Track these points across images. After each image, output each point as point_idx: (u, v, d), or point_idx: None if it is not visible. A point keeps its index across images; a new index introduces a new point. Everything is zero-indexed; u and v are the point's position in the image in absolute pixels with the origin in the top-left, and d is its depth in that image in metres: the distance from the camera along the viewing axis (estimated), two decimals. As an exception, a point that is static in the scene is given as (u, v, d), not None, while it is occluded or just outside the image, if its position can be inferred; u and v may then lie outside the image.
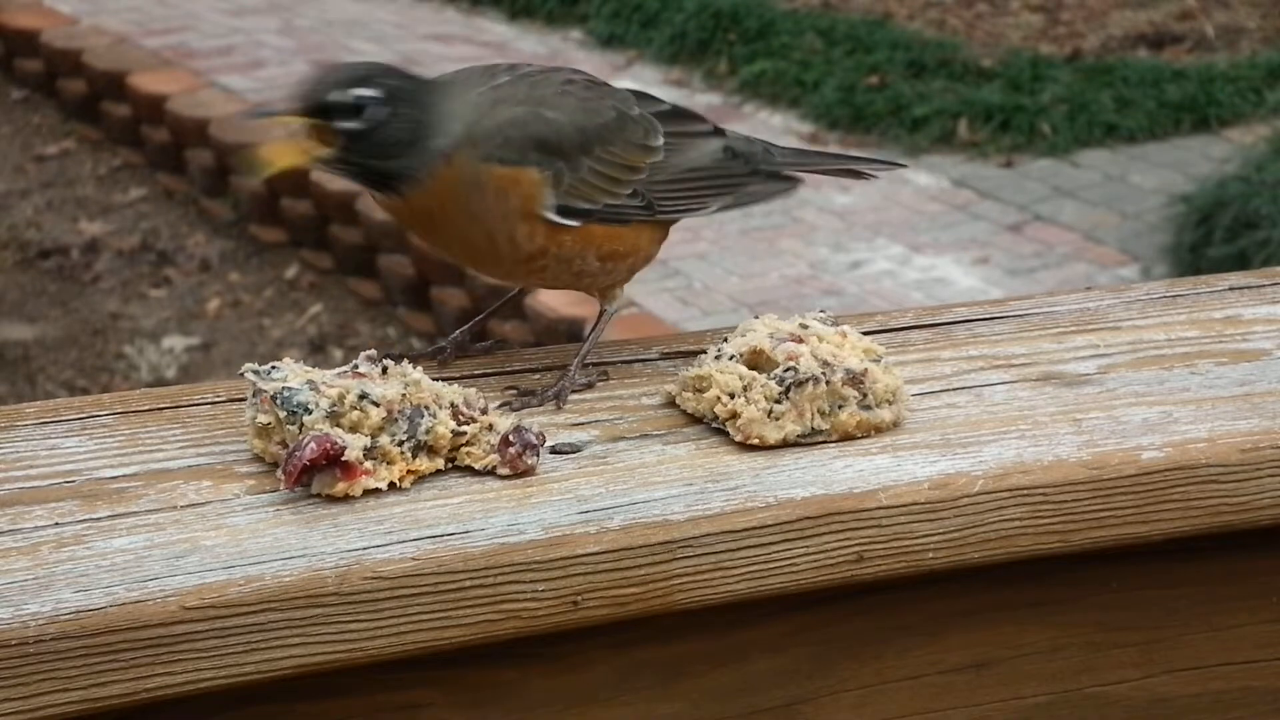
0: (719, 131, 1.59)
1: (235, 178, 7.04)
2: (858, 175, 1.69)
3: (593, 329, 1.54)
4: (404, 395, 1.33)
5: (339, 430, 1.30)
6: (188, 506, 1.28)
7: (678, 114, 1.57)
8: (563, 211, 1.47)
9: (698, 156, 1.56)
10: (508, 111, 1.47)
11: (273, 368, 1.35)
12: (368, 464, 1.30)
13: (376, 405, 1.32)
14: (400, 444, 1.31)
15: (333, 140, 1.45)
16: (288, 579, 1.20)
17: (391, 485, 1.30)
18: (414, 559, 1.23)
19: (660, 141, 1.53)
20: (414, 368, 1.36)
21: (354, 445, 1.29)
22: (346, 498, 1.29)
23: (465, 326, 1.59)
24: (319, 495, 1.29)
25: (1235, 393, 1.47)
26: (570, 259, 1.50)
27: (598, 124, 1.50)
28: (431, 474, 1.33)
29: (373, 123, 1.44)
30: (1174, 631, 1.45)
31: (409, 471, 1.32)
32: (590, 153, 1.49)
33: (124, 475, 1.33)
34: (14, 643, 1.15)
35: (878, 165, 1.69)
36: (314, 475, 1.28)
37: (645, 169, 1.52)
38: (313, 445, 1.28)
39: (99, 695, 1.17)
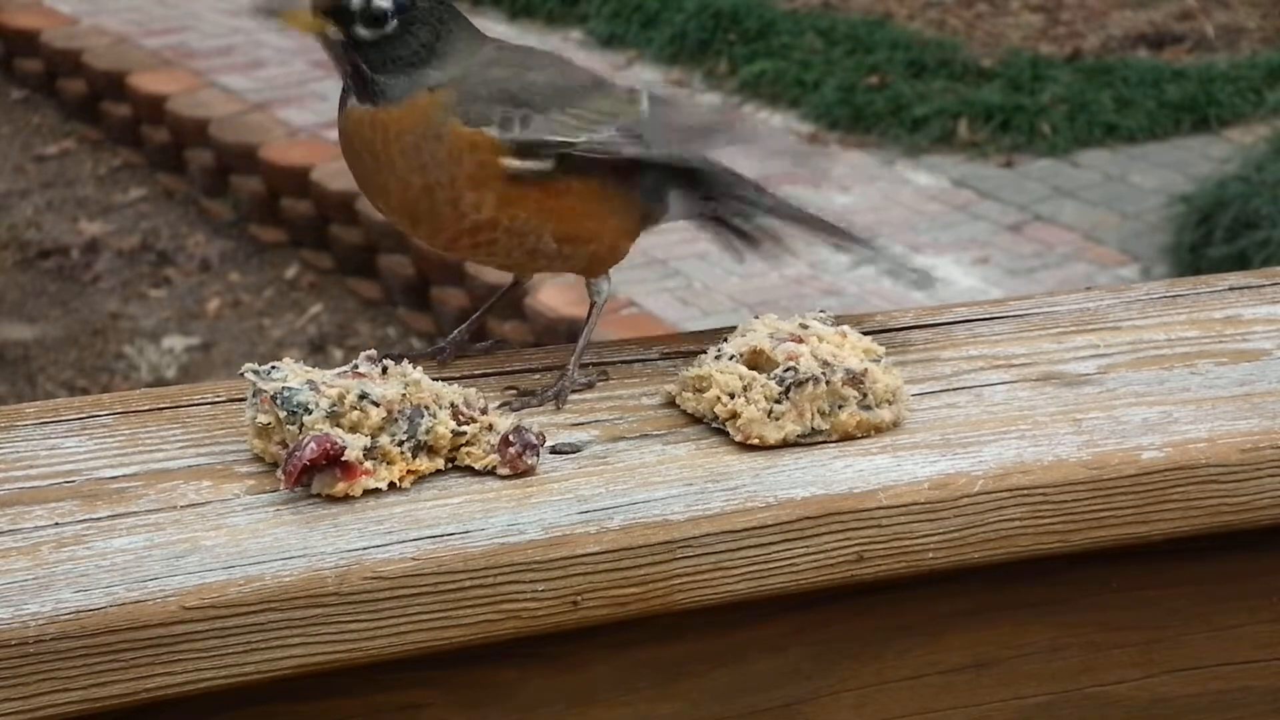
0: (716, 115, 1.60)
1: (235, 177, 7.04)
2: (834, 243, 1.68)
3: (585, 325, 1.53)
4: (404, 395, 1.33)
5: (339, 430, 1.30)
6: (188, 506, 1.29)
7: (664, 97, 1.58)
8: (524, 150, 1.45)
9: (689, 119, 1.57)
10: (496, 71, 1.48)
11: (272, 368, 1.35)
12: (368, 464, 1.30)
13: (376, 405, 1.32)
14: (400, 444, 1.31)
15: (344, 32, 1.47)
16: (288, 579, 1.20)
17: (391, 485, 1.31)
18: (414, 559, 1.23)
19: (645, 104, 1.52)
20: (414, 368, 1.36)
21: (354, 445, 1.29)
22: (346, 497, 1.29)
23: (463, 325, 1.58)
24: (319, 495, 1.29)
25: (1235, 393, 1.47)
26: (523, 235, 1.48)
27: (575, 84, 1.50)
28: (431, 474, 1.33)
29: (381, 33, 1.45)
30: (1174, 631, 1.45)
31: (409, 471, 1.32)
32: (563, 104, 1.48)
33: (124, 475, 1.33)
34: (14, 643, 1.15)
35: (855, 243, 1.68)
36: (314, 475, 1.28)
37: (626, 115, 1.50)
38: (313, 445, 1.28)
39: (99, 695, 1.17)
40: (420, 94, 1.46)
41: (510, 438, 1.33)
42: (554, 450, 1.36)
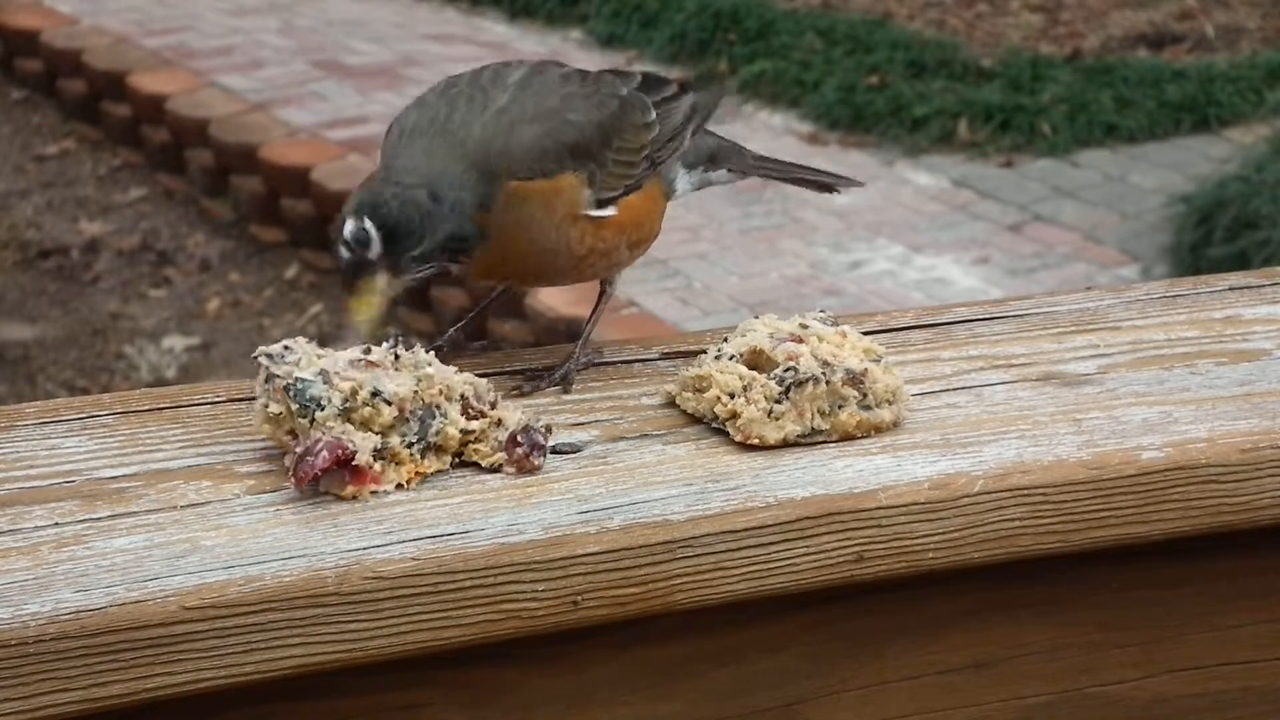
0: (684, 88, 1.64)
1: (235, 177, 7.04)
2: (819, 186, 1.75)
3: (595, 309, 1.58)
4: (416, 392, 1.33)
5: (350, 428, 1.30)
6: (188, 506, 1.29)
7: (651, 81, 1.62)
8: (599, 205, 1.52)
9: (678, 115, 1.61)
10: (530, 129, 1.50)
11: (286, 348, 1.34)
12: (377, 466, 1.30)
13: (389, 404, 1.32)
14: (410, 445, 1.31)
15: (391, 266, 1.48)
16: (288, 579, 1.20)
17: (398, 486, 1.31)
18: (414, 559, 1.23)
19: (653, 115, 1.59)
20: (426, 353, 1.36)
21: (364, 449, 1.29)
22: (352, 498, 1.29)
23: (459, 324, 1.60)
24: (322, 494, 1.29)
25: (1235, 393, 1.47)
26: (609, 252, 1.54)
27: (610, 116, 1.54)
28: (435, 472, 1.33)
29: (419, 251, 1.47)
30: (1174, 631, 1.45)
31: (416, 473, 1.32)
32: (610, 145, 1.53)
33: (124, 475, 1.33)
34: (14, 643, 1.15)
35: (840, 180, 1.74)
36: (323, 476, 1.29)
37: (649, 145, 1.57)
38: (325, 454, 1.28)
39: (99, 695, 1.17)
40: (481, 215, 1.47)
41: (518, 437, 1.33)
42: (554, 450, 1.36)
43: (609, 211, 1.52)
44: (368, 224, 1.45)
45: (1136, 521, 1.37)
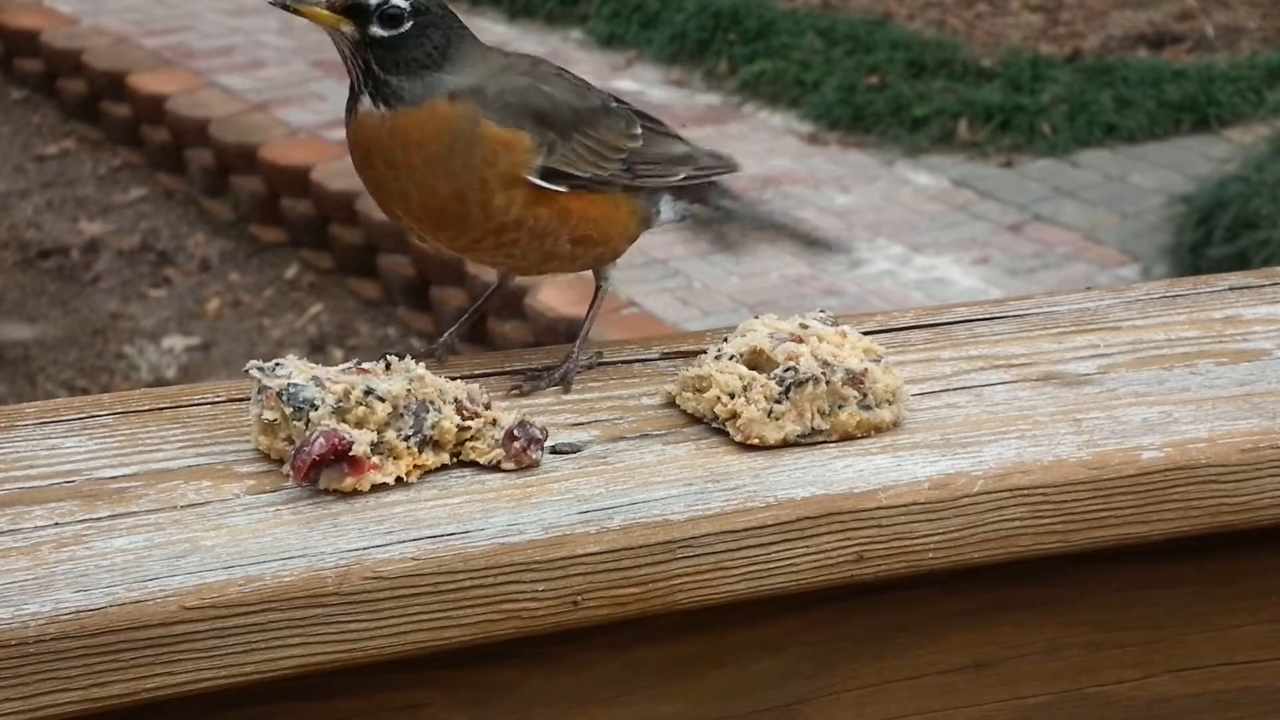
0: (681, 138, 1.63)
1: (235, 177, 7.04)
2: (807, 244, 1.76)
3: (591, 307, 1.56)
4: (409, 390, 1.33)
5: (345, 426, 1.30)
6: (188, 506, 1.29)
7: (646, 116, 1.61)
8: (547, 175, 1.49)
9: (670, 149, 1.60)
10: (515, 79, 1.51)
11: (277, 364, 1.36)
12: (375, 459, 1.30)
13: (382, 400, 1.32)
14: (406, 439, 1.32)
15: (359, 30, 1.47)
16: (288, 579, 1.20)
17: (399, 480, 1.31)
18: (414, 559, 1.23)
19: (639, 130, 1.57)
20: (417, 363, 1.37)
21: (361, 440, 1.29)
22: (355, 492, 1.29)
23: (454, 327, 1.60)
24: (323, 492, 1.29)
25: (1235, 393, 1.47)
26: (543, 236, 1.51)
27: (587, 107, 1.54)
28: (434, 471, 1.33)
29: (396, 33, 1.46)
30: (1174, 631, 1.45)
31: (415, 466, 1.32)
32: (580, 130, 1.52)
33: (124, 475, 1.33)
34: (14, 643, 1.15)
35: (824, 245, 1.77)
36: (321, 471, 1.29)
37: (627, 151, 1.55)
38: (321, 440, 1.28)
39: (99, 695, 1.17)
40: (439, 100, 1.47)
41: (515, 432, 1.34)
42: (554, 450, 1.37)
43: (555, 187, 1.49)
44: (404, 3, 1.46)
45: (1136, 521, 1.37)
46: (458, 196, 1.47)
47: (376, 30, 1.47)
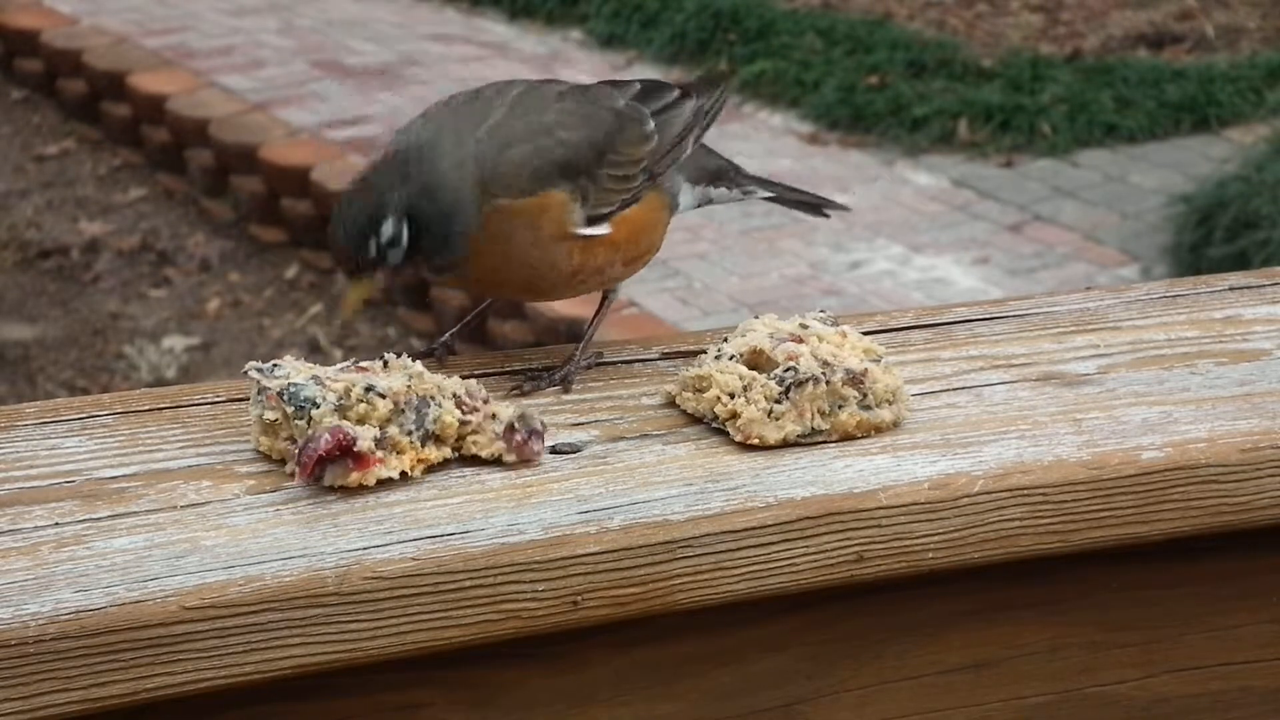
0: (686, 93, 1.62)
1: (235, 177, 7.04)
2: (809, 208, 1.75)
3: (597, 313, 1.57)
4: (409, 387, 1.34)
5: (347, 422, 1.31)
6: (188, 506, 1.29)
7: (650, 89, 1.61)
8: (590, 222, 1.51)
9: (680, 122, 1.60)
10: (520, 150, 1.49)
11: (275, 365, 1.36)
12: (379, 453, 1.30)
13: (383, 397, 1.32)
14: (409, 434, 1.32)
15: (382, 273, 1.49)
16: (288, 579, 1.20)
17: (403, 475, 1.31)
18: (414, 559, 1.23)
19: (652, 126, 1.57)
20: (415, 361, 1.37)
21: (365, 436, 1.30)
22: (359, 489, 1.29)
23: (454, 329, 1.61)
24: (323, 492, 1.29)
25: (1235, 393, 1.47)
26: (603, 269, 1.54)
27: (604, 132, 1.53)
28: (435, 470, 1.33)
29: (404, 246, 1.47)
30: (1174, 631, 1.45)
31: (419, 460, 1.32)
32: (603, 161, 1.52)
33: (124, 475, 1.33)
34: (14, 643, 1.15)
35: (827, 203, 1.74)
36: (326, 467, 1.29)
37: (646, 157, 1.55)
38: (327, 436, 1.29)
39: (99, 695, 1.17)
40: (473, 237, 1.47)
41: (515, 425, 1.34)
42: (554, 450, 1.37)
43: (601, 230, 1.51)
44: (404, 226, 1.45)
45: (1136, 521, 1.37)
46: (535, 270, 1.51)
47: (393, 258, 1.47)
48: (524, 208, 1.48)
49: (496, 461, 1.34)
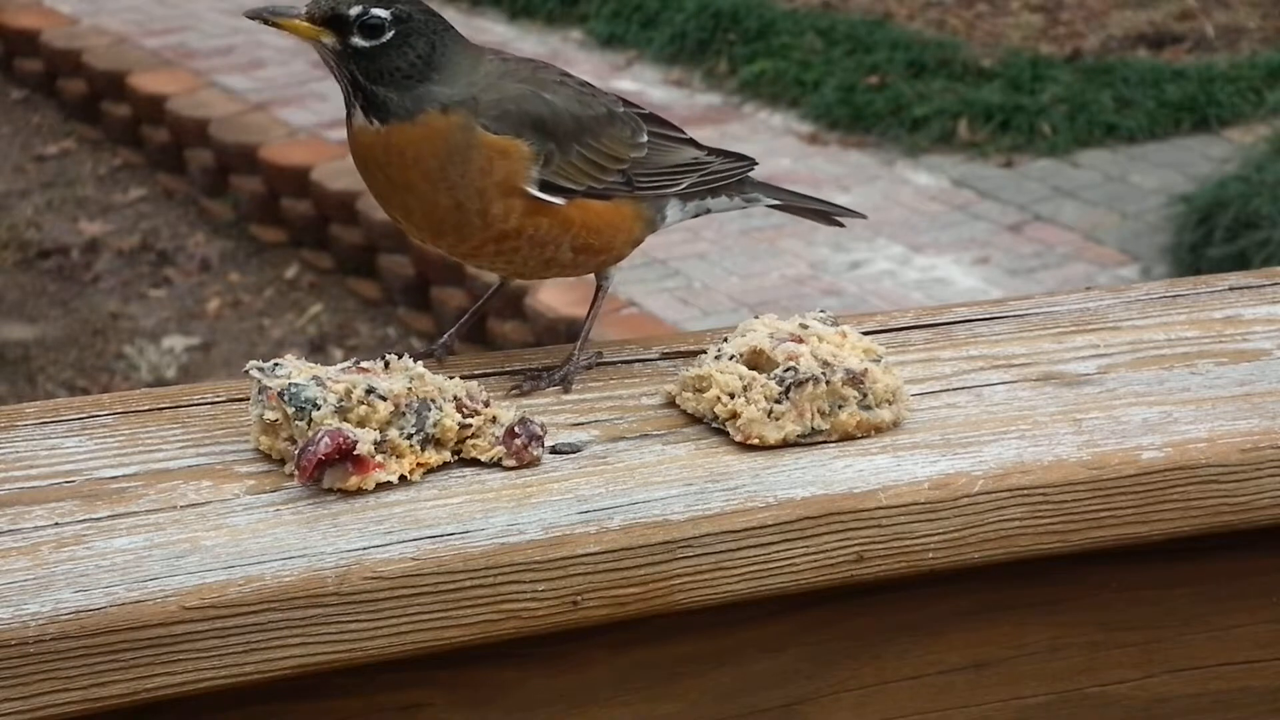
0: (693, 142, 1.61)
1: (235, 177, 7.04)
2: (823, 218, 1.72)
3: (591, 307, 1.56)
4: (409, 389, 1.34)
5: (348, 425, 1.31)
6: (188, 506, 1.29)
7: (658, 120, 1.60)
8: (545, 187, 1.48)
9: (676, 158, 1.58)
10: (513, 86, 1.49)
11: (276, 364, 1.36)
12: (379, 457, 1.30)
13: (384, 399, 1.32)
14: (409, 437, 1.32)
15: (340, 41, 1.46)
16: (288, 579, 1.20)
17: (402, 478, 1.31)
18: (414, 559, 1.23)
19: (644, 139, 1.56)
20: (415, 362, 1.37)
21: (364, 439, 1.30)
22: (358, 491, 1.29)
23: (453, 329, 1.60)
24: (323, 492, 1.29)
25: (1235, 393, 1.47)
26: (544, 244, 1.50)
27: (590, 115, 1.52)
28: (435, 470, 1.33)
29: (378, 44, 1.44)
30: (1174, 631, 1.45)
31: (418, 464, 1.32)
32: (581, 140, 1.51)
33: (124, 475, 1.33)
34: (14, 643, 1.15)
35: (842, 212, 1.71)
36: (325, 470, 1.29)
37: (629, 161, 1.54)
38: (326, 440, 1.29)
39: (99, 695, 1.17)
40: (432, 112, 1.45)
41: (515, 429, 1.34)
42: (554, 450, 1.37)
43: (555, 199, 1.48)
44: (385, 13, 1.44)
45: (1136, 521, 1.37)
46: (456, 206, 1.46)
47: (358, 41, 1.45)
48: (487, 142, 1.45)
49: (496, 464, 1.34)
